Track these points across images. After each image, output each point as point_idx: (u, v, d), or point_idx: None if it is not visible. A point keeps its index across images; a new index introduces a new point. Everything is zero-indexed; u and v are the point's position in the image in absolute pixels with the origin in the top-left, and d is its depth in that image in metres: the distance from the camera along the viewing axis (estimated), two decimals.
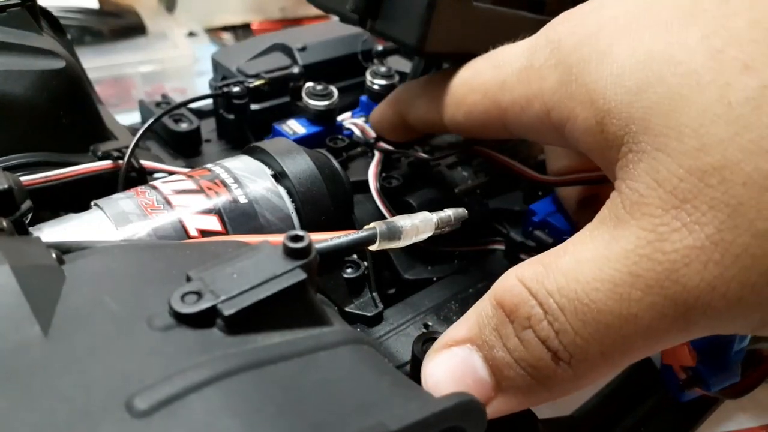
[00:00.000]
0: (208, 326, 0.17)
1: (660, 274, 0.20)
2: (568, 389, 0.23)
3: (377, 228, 0.28)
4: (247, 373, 0.16)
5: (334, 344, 0.19)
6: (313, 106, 0.43)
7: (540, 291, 0.22)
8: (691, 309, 0.20)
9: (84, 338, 0.17)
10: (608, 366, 0.22)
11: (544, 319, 0.22)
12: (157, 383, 0.15)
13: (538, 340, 0.22)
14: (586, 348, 0.21)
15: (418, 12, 0.31)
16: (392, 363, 0.33)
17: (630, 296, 0.20)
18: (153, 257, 0.20)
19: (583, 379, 0.22)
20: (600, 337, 0.21)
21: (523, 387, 0.23)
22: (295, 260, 0.19)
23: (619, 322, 0.21)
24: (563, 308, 0.22)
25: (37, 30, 0.37)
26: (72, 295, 0.18)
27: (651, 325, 0.20)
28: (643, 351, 0.22)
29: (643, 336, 0.21)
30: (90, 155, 0.38)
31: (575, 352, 0.22)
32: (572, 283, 0.21)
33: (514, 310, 0.23)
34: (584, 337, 0.21)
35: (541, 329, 0.22)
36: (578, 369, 0.22)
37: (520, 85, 0.27)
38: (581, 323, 0.21)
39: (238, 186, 0.32)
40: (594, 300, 0.21)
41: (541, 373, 0.22)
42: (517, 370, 0.23)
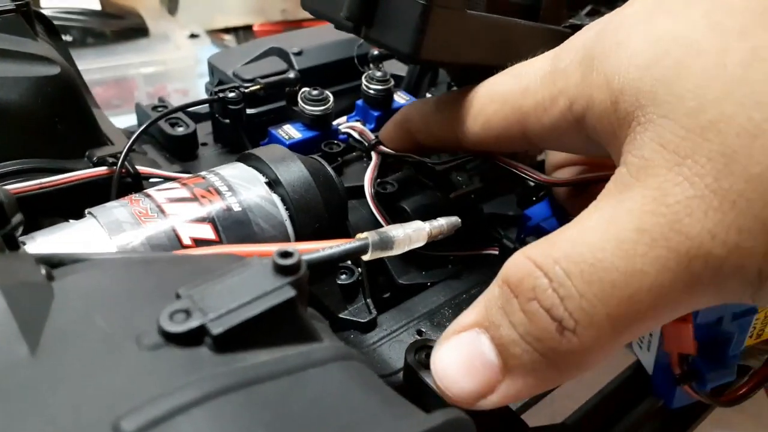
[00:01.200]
0: (197, 345, 0.17)
1: (664, 227, 0.20)
2: (577, 365, 0.22)
3: (369, 238, 0.28)
4: (235, 393, 0.16)
5: (324, 361, 0.19)
6: (309, 111, 0.43)
7: (546, 261, 0.22)
8: (693, 259, 0.20)
9: (72, 358, 0.17)
10: (615, 333, 0.22)
11: (548, 287, 0.22)
12: (144, 405, 0.15)
13: (543, 310, 0.22)
14: (591, 312, 0.21)
15: (412, 20, 0.31)
16: (385, 370, 0.33)
17: (636, 251, 0.21)
18: (143, 272, 0.20)
19: (591, 352, 0.22)
20: (606, 298, 0.21)
21: (529, 365, 0.23)
22: (284, 277, 0.19)
23: (624, 279, 0.21)
24: (569, 272, 0.22)
25: (31, 35, 0.37)
26: (61, 313, 0.18)
27: (657, 281, 0.20)
28: (650, 314, 0.21)
29: (649, 292, 0.21)
30: (86, 161, 0.38)
31: (581, 317, 0.21)
32: (578, 247, 0.22)
33: (519, 284, 0.23)
34: (589, 299, 0.21)
35: (546, 297, 0.22)
36: (584, 337, 0.21)
37: (543, 87, 0.28)
38: (586, 284, 0.21)
39: (232, 194, 0.32)
40: (600, 259, 0.21)
41: (546, 346, 0.22)
42: (522, 346, 0.22)
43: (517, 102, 0.30)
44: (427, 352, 0.31)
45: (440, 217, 0.32)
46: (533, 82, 0.29)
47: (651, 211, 0.21)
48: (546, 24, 0.38)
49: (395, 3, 0.32)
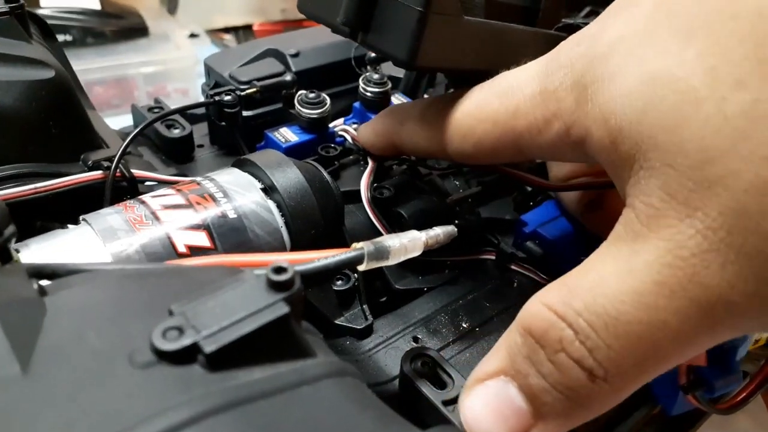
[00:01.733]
0: (190, 362, 0.17)
1: (682, 279, 0.21)
2: (607, 405, 0.24)
3: (365, 248, 0.28)
4: (228, 412, 0.16)
5: (317, 378, 0.19)
6: (306, 114, 0.43)
7: (568, 312, 0.23)
8: (714, 307, 0.21)
9: (64, 376, 0.17)
10: (643, 375, 0.23)
11: (575, 339, 0.22)
12: (136, 425, 0.15)
13: (572, 362, 0.23)
14: (620, 361, 0.22)
15: (409, 27, 0.31)
16: (381, 378, 0.33)
17: (657, 304, 0.21)
18: (136, 287, 0.20)
19: (621, 393, 0.23)
20: (633, 348, 0.22)
21: (561, 411, 0.23)
22: (278, 293, 0.19)
23: (649, 331, 0.21)
24: (593, 325, 0.22)
25: (26, 38, 0.37)
26: (53, 329, 0.18)
27: (680, 329, 0.21)
28: (675, 357, 0.22)
29: (674, 341, 0.22)
30: (81, 164, 0.38)
31: (610, 366, 0.22)
32: (599, 299, 0.22)
33: (544, 335, 0.23)
34: (617, 350, 0.22)
35: (575, 350, 0.22)
36: (615, 383, 0.22)
37: (536, 108, 0.28)
38: (613, 337, 0.22)
39: (227, 200, 0.32)
40: (622, 312, 0.22)
41: (578, 394, 0.23)
42: (554, 395, 0.23)
43: (509, 123, 0.29)
44: (423, 361, 0.31)
45: (437, 227, 0.32)
46: (523, 103, 0.28)
47: (668, 264, 0.21)
48: (545, 27, 0.37)
49: (392, 9, 0.32)
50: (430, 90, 0.52)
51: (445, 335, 0.35)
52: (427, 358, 0.31)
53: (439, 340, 0.35)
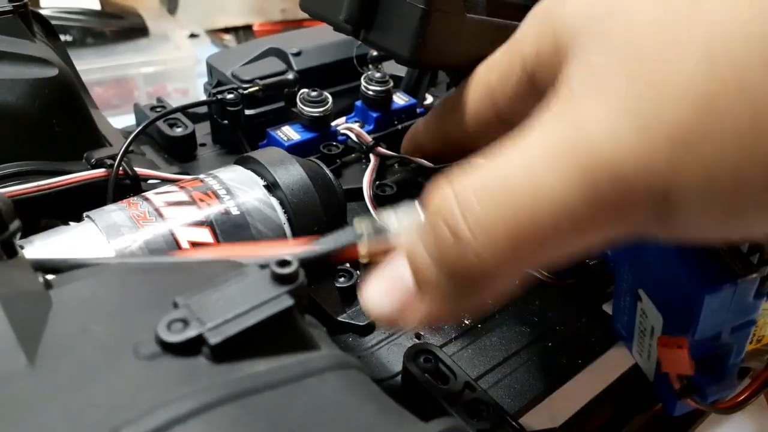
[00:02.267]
0: (195, 354, 0.17)
1: (571, 141, 0.20)
2: (481, 285, 0.22)
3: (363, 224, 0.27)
4: (232, 403, 0.16)
5: (321, 370, 0.19)
6: (308, 113, 0.43)
7: (459, 182, 0.22)
8: (597, 171, 0.19)
9: (70, 368, 0.17)
10: (516, 252, 0.21)
11: (455, 205, 0.22)
12: (142, 415, 0.15)
13: (446, 228, 0.22)
14: (491, 229, 0.21)
15: (412, 24, 0.31)
16: (383, 374, 0.33)
17: (541, 167, 0.20)
18: (141, 280, 0.20)
19: (493, 272, 0.22)
20: (506, 214, 0.21)
21: (437, 286, 0.23)
22: (282, 285, 0.19)
23: (527, 194, 0.21)
24: (476, 191, 0.21)
25: (29, 37, 0.37)
26: (58, 322, 0.18)
27: (558, 195, 0.20)
28: (551, 236, 0.21)
29: (550, 209, 0.20)
30: (84, 163, 0.38)
31: (480, 234, 0.21)
32: (491, 170, 0.22)
33: (430, 203, 0.23)
34: (490, 215, 0.21)
35: (451, 216, 0.22)
36: (484, 254, 0.21)
37: (503, 57, 0.28)
38: (490, 202, 0.21)
39: (230, 197, 0.32)
40: (506, 175, 0.21)
41: (448, 264, 0.22)
42: (429, 266, 0.23)
43: (485, 79, 0.30)
44: (425, 357, 0.31)
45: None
46: (498, 54, 0.29)
47: (562, 128, 0.21)
48: None
49: (394, 7, 0.32)
50: (432, 89, 0.53)
51: (447, 332, 0.35)
52: (430, 354, 0.31)
53: (441, 337, 0.35)
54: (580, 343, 0.36)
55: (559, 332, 0.36)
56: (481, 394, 0.29)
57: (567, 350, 0.35)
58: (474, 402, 0.29)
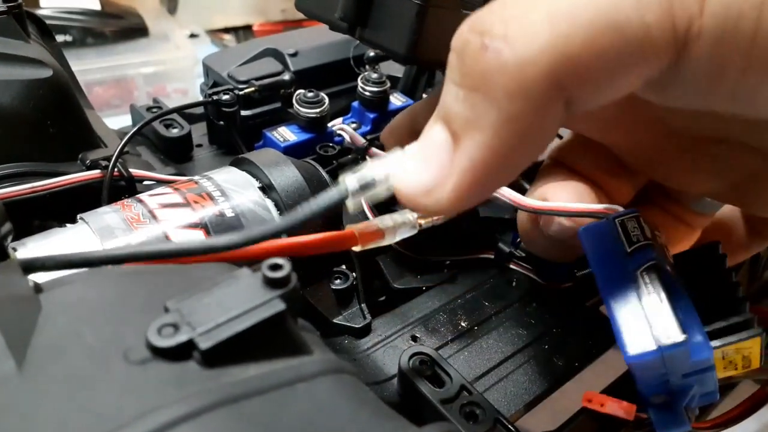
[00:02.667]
0: (185, 359, 0.17)
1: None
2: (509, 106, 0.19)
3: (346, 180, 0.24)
4: (223, 408, 0.16)
5: (313, 375, 0.19)
6: (304, 114, 0.43)
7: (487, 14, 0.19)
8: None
9: (59, 373, 0.16)
10: (551, 35, 0.18)
11: (487, 8, 0.19)
12: (131, 421, 0.15)
13: (472, 31, 0.19)
14: (528, 8, 0.19)
15: (408, 20, 0.31)
16: (379, 377, 0.33)
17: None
18: (132, 284, 0.20)
19: (524, 73, 0.19)
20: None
21: (472, 117, 0.20)
22: (274, 290, 0.19)
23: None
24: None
25: (24, 37, 0.37)
26: (48, 326, 0.18)
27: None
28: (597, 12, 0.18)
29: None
30: (79, 164, 0.38)
31: (513, 19, 0.19)
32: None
33: (457, 41, 0.20)
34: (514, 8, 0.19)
35: (477, 17, 0.19)
36: (517, 43, 0.19)
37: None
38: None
39: (224, 199, 0.32)
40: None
41: (478, 74, 0.19)
42: (459, 97, 0.20)
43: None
44: (422, 359, 0.30)
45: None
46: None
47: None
48: None
49: (390, 3, 0.32)
50: (429, 89, 0.52)
51: (443, 334, 0.35)
52: (426, 356, 0.31)
53: (437, 339, 0.35)
54: (577, 346, 0.35)
55: (556, 334, 0.36)
56: (477, 397, 0.29)
57: (564, 353, 0.35)
58: (470, 405, 0.29)
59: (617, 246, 0.28)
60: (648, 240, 0.28)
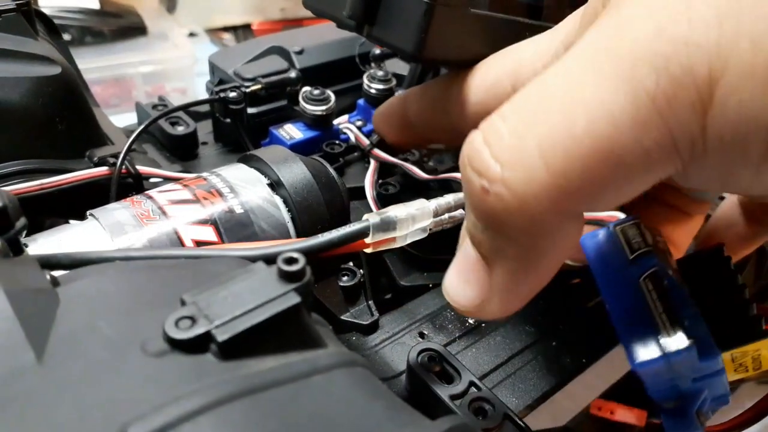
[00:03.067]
0: (202, 352, 0.17)
1: (610, 33, 0.18)
2: (524, 228, 0.19)
3: (370, 220, 0.28)
4: (240, 400, 0.16)
5: (328, 368, 0.19)
6: (310, 111, 0.43)
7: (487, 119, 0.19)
8: (637, 63, 0.17)
9: (78, 365, 0.17)
10: (551, 174, 0.18)
11: (482, 141, 0.19)
12: (149, 412, 0.15)
13: (474, 171, 0.19)
14: (518, 145, 0.18)
15: (415, 19, 0.31)
16: (388, 373, 0.33)
17: (576, 65, 0.18)
18: (148, 278, 0.20)
19: (530, 206, 0.18)
20: (536, 126, 0.18)
21: (492, 247, 0.20)
22: (289, 283, 0.19)
23: (559, 97, 0.18)
24: (503, 115, 0.19)
25: (32, 35, 0.37)
26: (66, 319, 0.18)
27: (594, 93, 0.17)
28: (588, 148, 0.18)
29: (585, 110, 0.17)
30: (86, 161, 0.38)
31: (507, 156, 0.18)
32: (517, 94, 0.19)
33: (463, 157, 0.20)
34: (517, 132, 0.18)
35: (476, 154, 0.19)
36: (513, 184, 0.18)
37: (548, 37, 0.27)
38: (516, 118, 0.18)
39: (234, 195, 0.32)
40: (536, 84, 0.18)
41: (483, 213, 0.19)
42: (478, 226, 0.20)
43: (519, 50, 0.29)
44: (430, 355, 0.31)
45: (447, 195, 0.31)
46: (543, 34, 0.28)
47: (603, 24, 0.18)
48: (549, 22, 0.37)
49: (398, 1, 0.32)
50: None
51: (451, 331, 0.35)
52: (434, 353, 0.31)
53: (445, 336, 0.35)
54: (584, 342, 0.36)
55: (563, 331, 0.36)
56: (485, 393, 0.29)
57: (571, 349, 0.35)
58: (479, 401, 0.29)
59: (619, 254, 0.27)
60: (649, 246, 0.27)
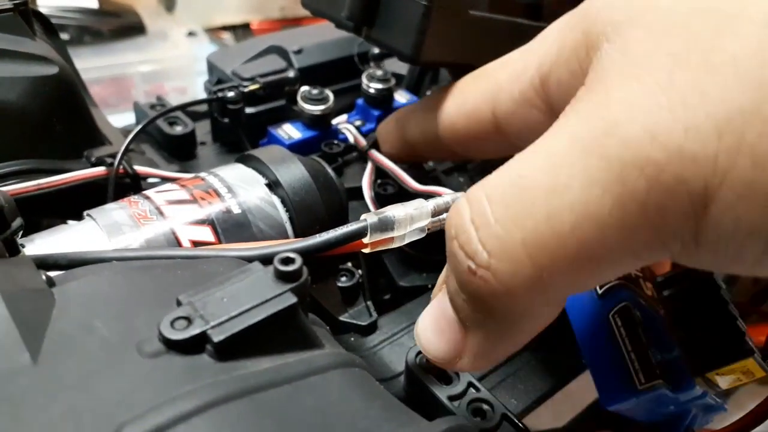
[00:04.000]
0: (198, 352, 0.17)
1: (598, 132, 0.17)
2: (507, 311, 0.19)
3: (368, 220, 0.27)
4: (236, 401, 0.16)
5: (325, 368, 0.19)
6: (309, 111, 0.42)
7: (474, 191, 0.19)
8: (627, 168, 0.16)
9: (74, 365, 0.17)
10: (535, 266, 0.18)
11: (466, 208, 0.19)
12: (145, 413, 0.15)
13: (456, 237, 0.19)
14: (504, 238, 0.18)
15: (414, 21, 0.31)
16: (386, 374, 0.33)
17: (562, 162, 0.17)
18: (144, 278, 0.20)
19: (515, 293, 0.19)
20: (522, 219, 0.18)
21: (473, 317, 0.20)
22: (285, 283, 0.19)
23: (545, 196, 0.17)
24: (490, 197, 0.18)
25: (29, 35, 0.37)
26: (62, 319, 0.18)
27: (581, 195, 0.17)
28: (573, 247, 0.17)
29: (571, 212, 0.17)
30: (84, 161, 0.38)
31: (493, 246, 0.18)
32: (506, 171, 0.19)
33: (448, 223, 0.20)
34: (504, 222, 0.18)
35: (463, 232, 0.19)
36: (500, 271, 0.18)
37: (521, 57, 0.26)
38: (503, 207, 0.18)
39: (231, 195, 0.32)
40: (523, 176, 0.18)
41: (468, 291, 0.19)
42: (460, 296, 0.20)
43: (495, 74, 0.28)
44: None
45: (445, 195, 0.31)
46: (514, 54, 0.27)
47: (589, 117, 0.18)
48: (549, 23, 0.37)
49: (397, 3, 0.32)
50: (434, 87, 0.52)
51: None
52: None
53: None
54: None
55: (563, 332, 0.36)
56: (484, 394, 0.29)
57: (571, 350, 0.35)
58: (478, 401, 0.29)
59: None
60: (618, 279, 0.27)
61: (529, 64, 0.25)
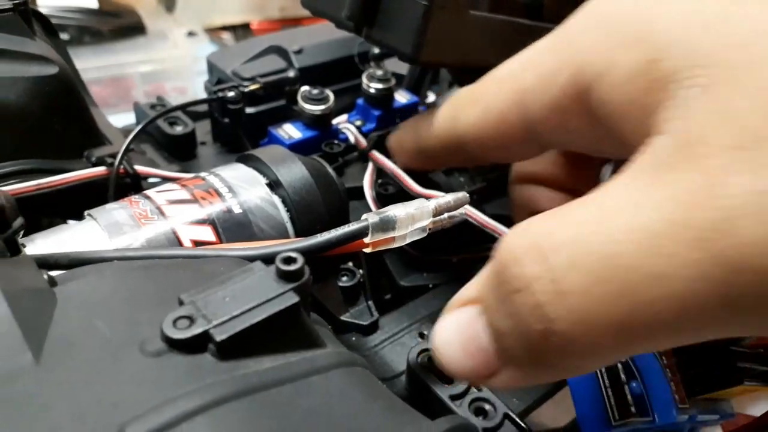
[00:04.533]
0: (201, 351, 0.17)
1: (708, 224, 0.16)
2: (574, 369, 0.20)
3: (369, 220, 0.27)
4: (238, 400, 0.16)
5: (327, 368, 0.19)
6: (309, 111, 0.42)
7: (547, 242, 0.18)
8: (740, 272, 0.15)
9: (76, 365, 0.16)
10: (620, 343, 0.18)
11: (544, 278, 0.18)
12: (148, 412, 0.15)
13: (528, 307, 0.18)
14: (591, 320, 0.17)
15: (414, 21, 0.31)
16: (388, 373, 0.33)
17: (663, 249, 0.16)
18: (146, 278, 0.20)
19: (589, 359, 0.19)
20: (614, 303, 0.17)
21: (523, 360, 0.20)
22: (287, 283, 0.19)
23: (644, 283, 0.16)
24: (573, 264, 0.18)
25: (29, 35, 0.37)
26: (64, 319, 0.18)
27: (686, 290, 0.16)
28: (665, 332, 0.17)
29: (672, 305, 0.16)
30: (84, 161, 0.38)
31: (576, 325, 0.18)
32: (592, 235, 0.18)
33: (511, 265, 0.19)
34: (591, 304, 0.17)
35: (537, 290, 0.18)
36: (578, 345, 0.18)
37: (548, 57, 0.24)
38: (591, 283, 0.17)
39: (232, 195, 0.32)
40: (616, 253, 0.17)
41: (535, 349, 0.19)
42: (514, 339, 0.19)
43: (518, 77, 0.26)
44: (430, 355, 0.30)
45: (447, 194, 0.31)
46: (537, 53, 0.25)
47: (697, 204, 0.16)
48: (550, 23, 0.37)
49: (397, 3, 0.32)
50: (434, 87, 0.52)
51: None
52: None
53: None
54: None
55: None
56: (486, 394, 0.29)
57: None
58: (479, 401, 0.29)
59: None
60: None
61: (562, 66, 0.23)
